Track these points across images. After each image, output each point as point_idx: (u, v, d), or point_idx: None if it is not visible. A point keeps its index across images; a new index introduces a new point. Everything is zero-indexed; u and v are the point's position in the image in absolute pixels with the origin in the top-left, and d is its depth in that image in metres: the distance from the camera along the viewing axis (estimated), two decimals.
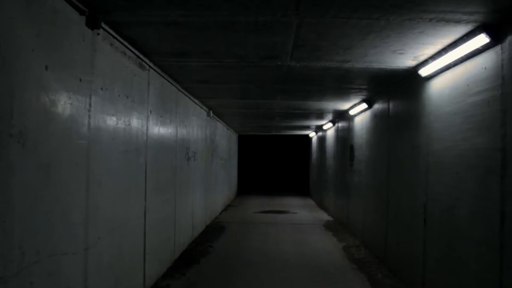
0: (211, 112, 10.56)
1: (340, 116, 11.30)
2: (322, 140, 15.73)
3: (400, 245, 6.23)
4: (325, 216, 13.12)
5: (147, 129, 5.46)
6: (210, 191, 11.23)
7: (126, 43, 4.61)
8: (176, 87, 7.10)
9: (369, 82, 6.70)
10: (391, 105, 6.99)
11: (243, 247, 8.36)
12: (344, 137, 11.08)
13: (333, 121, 12.69)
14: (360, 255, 7.72)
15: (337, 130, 12.41)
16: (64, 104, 3.32)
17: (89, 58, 3.77)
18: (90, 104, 3.76)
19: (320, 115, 11.45)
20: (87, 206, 3.72)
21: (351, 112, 9.67)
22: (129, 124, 4.78)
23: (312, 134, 18.46)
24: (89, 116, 3.76)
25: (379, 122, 7.71)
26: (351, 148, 10.05)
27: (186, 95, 7.93)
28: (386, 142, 7.19)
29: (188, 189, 8.31)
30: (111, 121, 4.24)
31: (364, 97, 8.13)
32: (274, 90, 7.72)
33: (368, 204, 8.35)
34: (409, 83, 5.96)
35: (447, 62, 4.48)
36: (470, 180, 4.14)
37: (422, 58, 4.98)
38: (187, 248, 8.02)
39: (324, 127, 14.16)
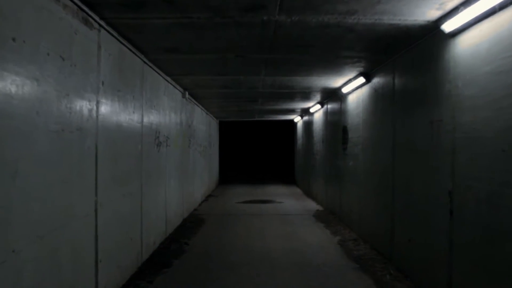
0: (186, 93, 9.33)
1: (330, 96, 10.20)
2: (308, 124, 14.65)
3: (413, 242, 5.19)
4: (314, 205, 12.08)
5: (97, 105, 4.26)
6: (187, 180, 10.05)
7: None
8: (141, 58, 5.88)
9: (370, 48, 5.59)
10: (397, 76, 5.90)
11: (224, 244, 7.24)
12: (335, 119, 10.00)
13: (322, 103, 11.61)
14: (360, 251, 6.68)
15: (326, 113, 11.32)
16: None
17: None
18: None
19: (307, 94, 10.31)
20: None
21: (344, 90, 8.58)
22: (67, 94, 3.57)
23: (297, 118, 17.36)
24: None
25: (381, 97, 6.63)
26: (344, 129, 8.98)
27: (155, 70, 6.71)
28: (390, 120, 6.12)
29: (159, 179, 7.13)
30: (33, 88, 3.03)
31: (361, 69, 7.03)
32: (258, 62, 6.55)
33: (367, 191, 7.31)
34: (426, 44, 4.87)
35: (491, 6, 3.38)
36: None
37: (449, 6, 3.88)
38: (159, 248, 6.86)
39: (311, 110, 13.07)
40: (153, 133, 6.66)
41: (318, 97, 10.79)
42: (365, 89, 7.45)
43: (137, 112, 5.74)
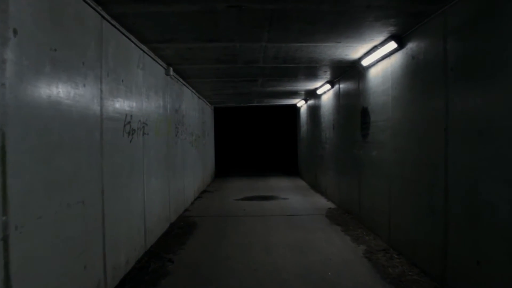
0: (171, 69, 7.65)
1: (345, 72, 8.55)
2: (314, 108, 12.98)
3: (486, 266, 3.58)
4: (324, 202, 10.46)
5: (3, 66, 2.61)
6: (174, 176, 8.41)
7: None
8: (97, 11, 4.24)
9: None
10: (450, 34, 4.25)
11: (219, 260, 5.63)
12: (351, 100, 8.35)
13: (332, 82, 9.95)
14: (397, 269, 5.08)
15: (337, 93, 9.66)
16: None
17: None
18: None
19: (316, 71, 8.64)
20: None
21: (365, 62, 6.93)
22: None
23: (300, 103, 15.68)
24: None
25: (423, 66, 4.99)
26: (364, 112, 7.34)
27: (122, 32, 5.06)
28: (440, 94, 4.48)
29: (133, 177, 5.49)
30: None
31: (393, 30, 5.38)
32: (259, 17, 4.88)
33: (400, 188, 5.69)
34: None
35: None
36: None
37: None
38: (134, 268, 5.25)
39: (319, 91, 11.40)
40: (121, 116, 5.02)
41: (328, 74, 9.14)
42: (397, 57, 5.80)
43: (92, 85, 4.08)
